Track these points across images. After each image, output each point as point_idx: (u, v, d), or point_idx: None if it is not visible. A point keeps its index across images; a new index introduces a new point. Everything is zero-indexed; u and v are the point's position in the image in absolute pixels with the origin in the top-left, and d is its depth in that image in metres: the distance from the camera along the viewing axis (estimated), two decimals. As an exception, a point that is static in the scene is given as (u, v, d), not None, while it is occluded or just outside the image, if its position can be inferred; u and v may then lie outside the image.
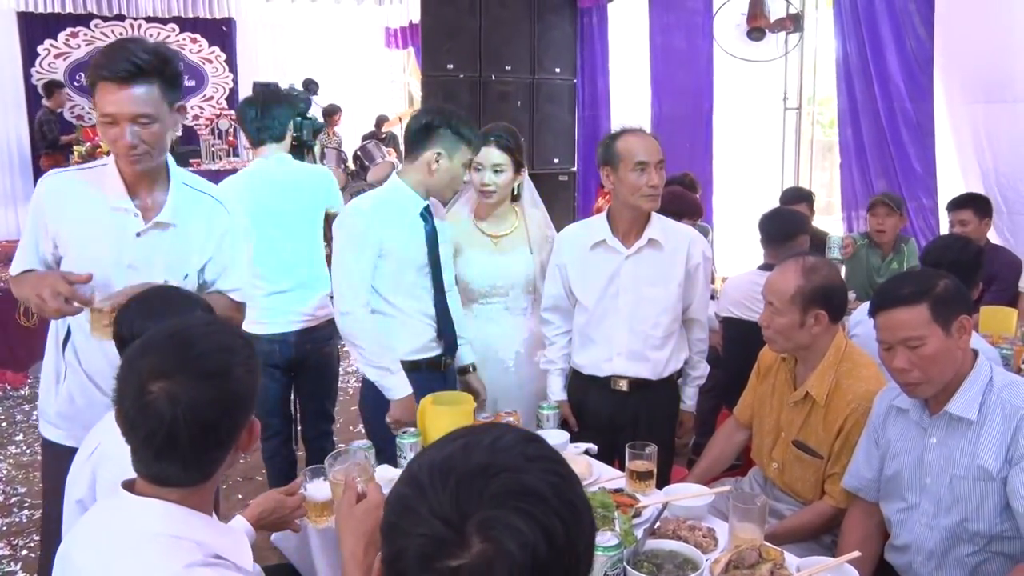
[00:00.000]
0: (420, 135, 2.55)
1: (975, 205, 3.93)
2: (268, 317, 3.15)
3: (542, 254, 2.90)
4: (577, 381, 2.77)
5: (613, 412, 2.64)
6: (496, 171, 2.77)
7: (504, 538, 0.81)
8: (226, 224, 2.24)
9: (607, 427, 2.61)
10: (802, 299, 2.21)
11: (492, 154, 2.75)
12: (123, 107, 1.94)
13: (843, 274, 4.49)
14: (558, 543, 0.83)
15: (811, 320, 2.22)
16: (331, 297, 3.26)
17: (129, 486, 1.28)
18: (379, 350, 2.53)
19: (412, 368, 2.60)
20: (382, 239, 2.51)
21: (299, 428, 3.49)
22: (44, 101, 9.31)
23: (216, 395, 1.22)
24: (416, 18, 9.49)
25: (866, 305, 3.07)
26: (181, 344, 1.25)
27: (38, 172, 8.61)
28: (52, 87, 9.33)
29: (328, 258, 3.35)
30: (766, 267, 3.44)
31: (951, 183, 4.82)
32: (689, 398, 2.81)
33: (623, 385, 2.64)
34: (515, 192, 2.90)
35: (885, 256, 4.40)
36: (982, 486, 1.85)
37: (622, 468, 2.27)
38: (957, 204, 3.99)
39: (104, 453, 1.70)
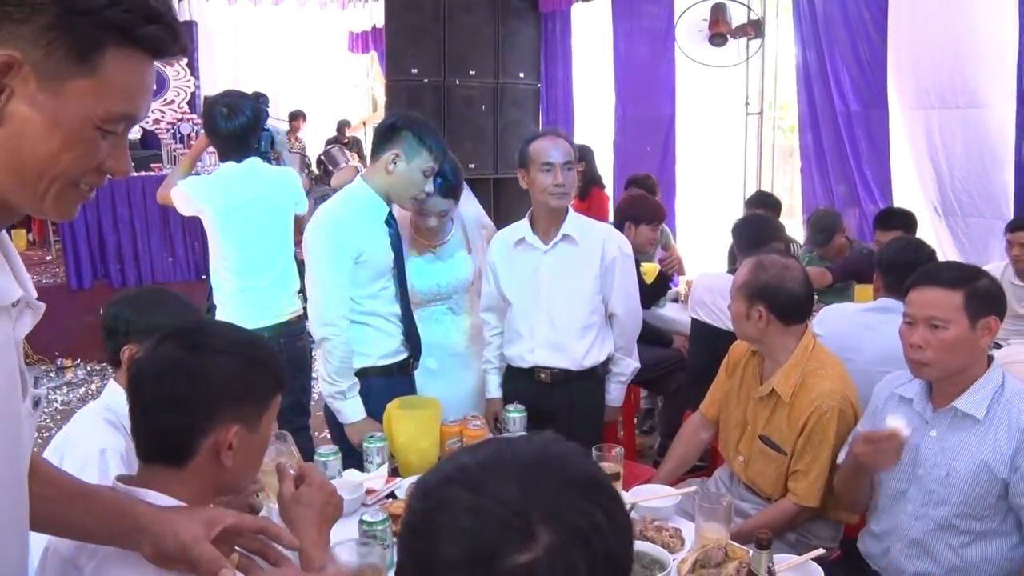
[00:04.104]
0: (382, 136, 2.58)
1: (905, 227, 3.76)
2: (243, 314, 3.17)
3: (481, 250, 2.97)
4: (508, 375, 2.89)
5: (539, 403, 2.69)
6: (441, 216, 2.84)
7: (580, 523, 0.79)
8: None
9: (536, 418, 2.65)
10: (747, 292, 2.31)
11: (438, 203, 2.77)
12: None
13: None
14: (621, 524, 0.83)
15: (755, 314, 2.29)
16: (300, 293, 3.29)
17: (125, 480, 1.28)
18: (345, 370, 2.54)
19: (384, 373, 2.63)
20: (359, 246, 2.52)
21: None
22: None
23: (225, 362, 1.25)
24: (380, 22, 9.45)
25: (827, 308, 3.14)
26: (201, 331, 1.30)
27: None
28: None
29: (297, 256, 3.38)
30: (735, 271, 3.44)
31: (907, 188, 4.93)
32: (612, 392, 2.88)
33: (545, 376, 2.75)
34: None
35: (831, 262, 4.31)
36: (982, 483, 1.90)
37: None
38: (884, 225, 3.83)
39: (69, 439, 1.78)
